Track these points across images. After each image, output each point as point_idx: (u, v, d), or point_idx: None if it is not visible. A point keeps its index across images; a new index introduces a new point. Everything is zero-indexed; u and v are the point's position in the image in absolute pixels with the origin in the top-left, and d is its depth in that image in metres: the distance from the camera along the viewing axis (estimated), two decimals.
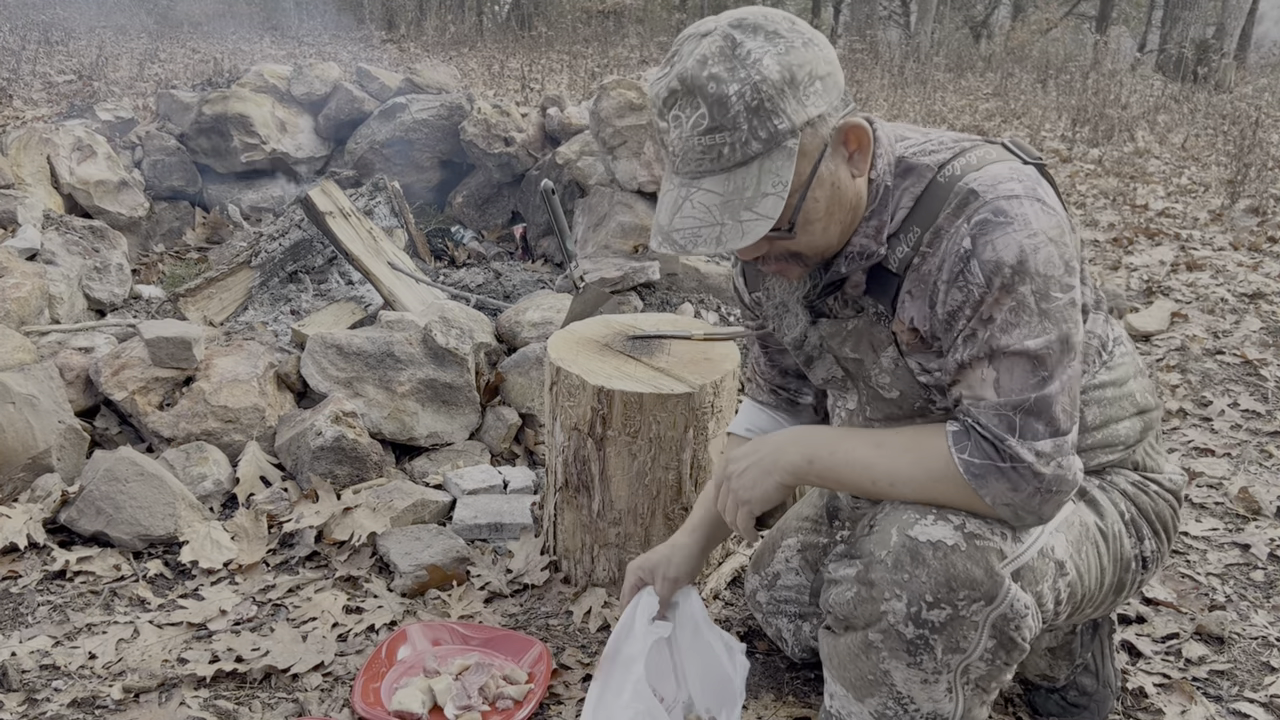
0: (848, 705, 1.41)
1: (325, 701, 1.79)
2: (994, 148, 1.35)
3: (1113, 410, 1.46)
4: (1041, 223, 1.24)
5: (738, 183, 1.23)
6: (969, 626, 1.27)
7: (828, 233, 1.31)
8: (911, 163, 1.33)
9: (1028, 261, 1.22)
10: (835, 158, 1.27)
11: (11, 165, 3.79)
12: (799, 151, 1.22)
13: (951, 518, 1.28)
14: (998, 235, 1.23)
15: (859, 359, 1.45)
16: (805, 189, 1.25)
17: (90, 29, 11.73)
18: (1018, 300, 1.23)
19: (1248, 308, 4.10)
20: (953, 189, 1.28)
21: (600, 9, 15.67)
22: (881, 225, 1.33)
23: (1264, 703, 1.83)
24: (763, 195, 1.22)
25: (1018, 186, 1.26)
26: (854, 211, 1.32)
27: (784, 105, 1.20)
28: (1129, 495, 1.47)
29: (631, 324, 2.29)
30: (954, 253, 1.26)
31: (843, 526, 1.76)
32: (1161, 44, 14.35)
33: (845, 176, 1.29)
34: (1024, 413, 1.24)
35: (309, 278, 3.65)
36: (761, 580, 1.85)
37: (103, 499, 2.22)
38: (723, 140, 1.21)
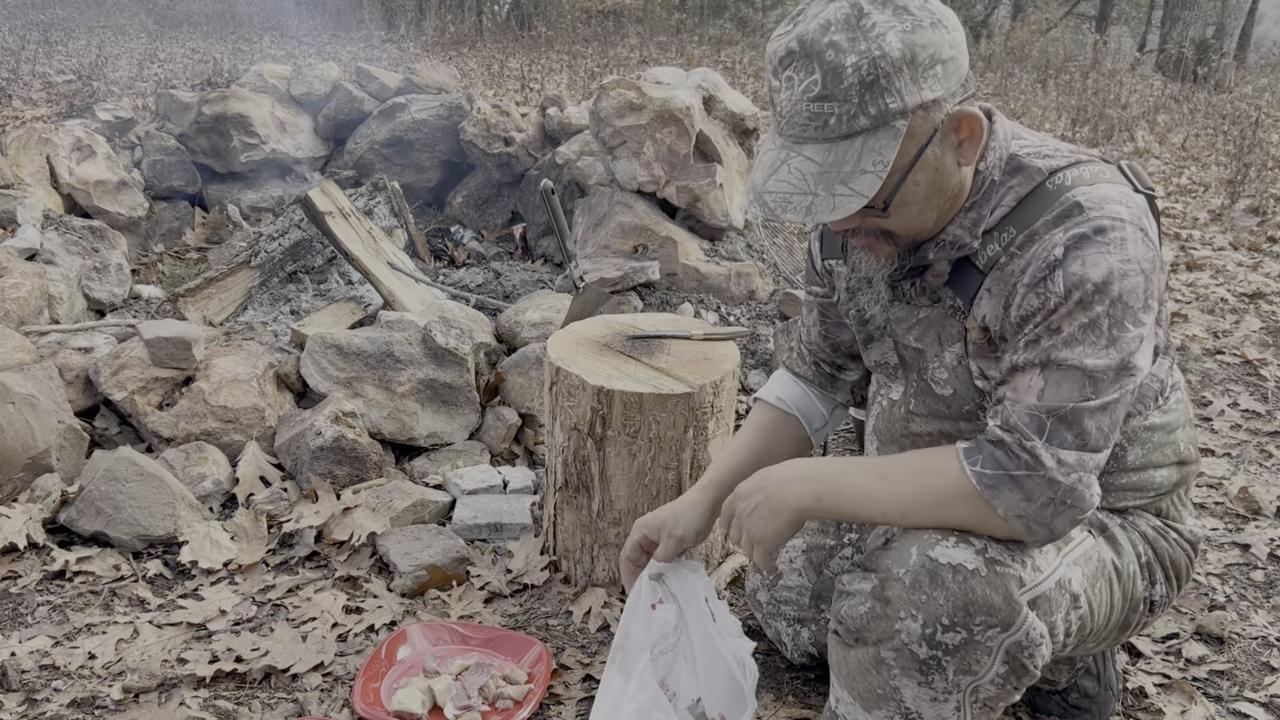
0: (854, 713, 1.41)
1: (325, 701, 1.79)
2: (1110, 167, 1.33)
3: (1155, 455, 1.44)
4: (1137, 251, 1.22)
5: (839, 155, 1.21)
6: (983, 651, 1.27)
7: (923, 216, 1.29)
8: (1023, 162, 1.31)
9: (1112, 284, 1.20)
10: (944, 144, 1.25)
11: (11, 165, 3.79)
12: (907, 133, 1.20)
13: (974, 541, 1.27)
14: (1091, 252, 1.21)
15: (920, 349, 1.43)
16: (907, 171, 1.23)
17: (90, 29, 11.73)
18: (1091, 319, 1.21)
19: (1248, 308, 4.10)
20: (1059, 198, 1.26)
21: (600, 9, 15.67)
22: (980, 219, 1.31)
23: (1264, 703, 1.83)
24: (861, 172, 1.20)
25: (1124, 210, 1.24)
26: (954, 199, 1.30)
27: (899, 84, 1.18)
28: (1148, 539, 1.46)
29: (631, 324, 2.29)
30: (1042, 258, 1.24)
31: (850, 529, 1.75)
32: (1161, 44, 14.35)
33: (951, 164, 1.27)
34: (1056, 419, 1.22)
35: (309, 278, 3.65)
36: (763, 580, 1.84)
37: (102, 499, 2.22)
38: (831, 110, 1.19)
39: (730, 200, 3.85)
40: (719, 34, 14.67)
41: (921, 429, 1.48)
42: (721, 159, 3.89)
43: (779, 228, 4.29)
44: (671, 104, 3.70)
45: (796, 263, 4.08)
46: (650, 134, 3.74)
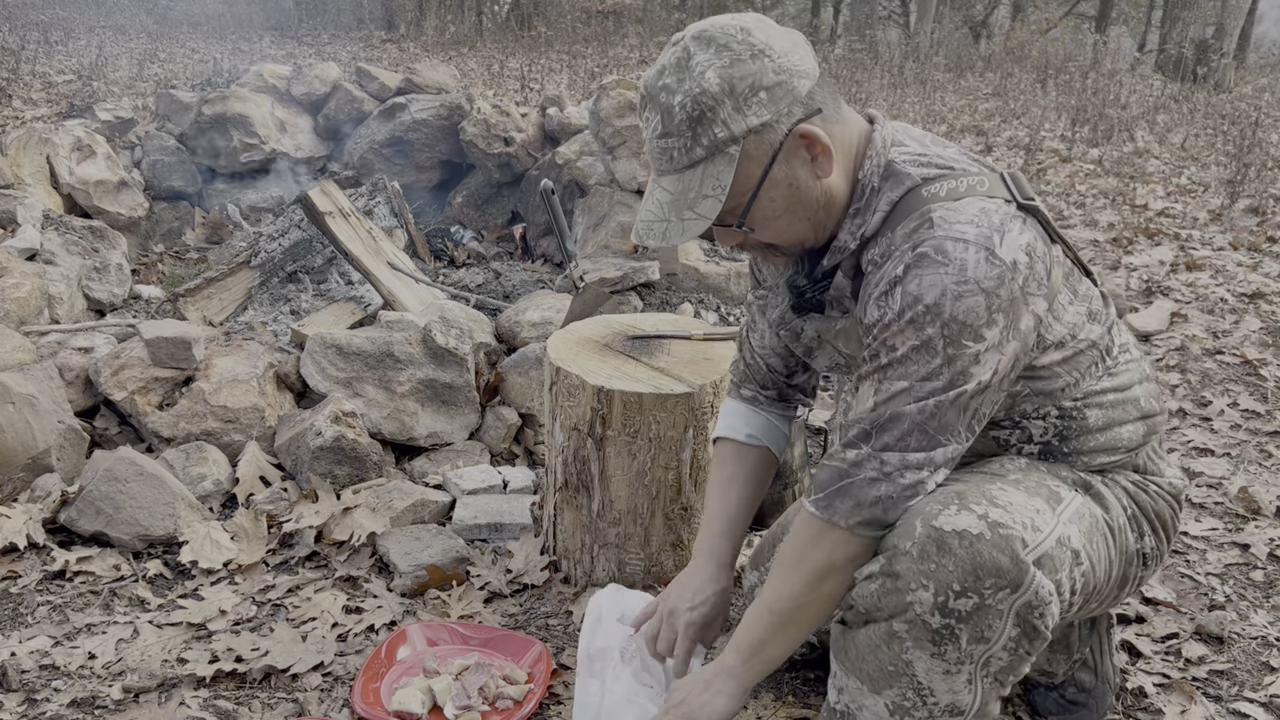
0: (860, 699, 1.41)
1: (325, 701, 1.79)
2: (991, 177, 1.36)
3: (1116, 414, 1.47)
4: (979, 272, 1.25)
5: (685, 184, 1.32)
6: (994, 615, 1.28)
7: (794, 228, 1.38)
8: (897, 169, 1.37)
9: (944, 306, 1.25)
10: (793, 161, 1.33)
11: (11, 165, 3.79)
12: (743, 157, 1.30)
13: (974, 507, 1.29)
14: (928, 272, 1.26)
15: (852, 354, 1.49)
16: (755, 190, 1.33)
17: (90, 29, 11.73)
18: (923, 340, 1.27)
19: (1247, 308, 4.10)
20: (921, 208, 1.32)
21: (600, 9, 15.67)
22: (861, 224, 1.38)
23: (1264, 703, 1.83)
24: (703, 197, 1.31)
25: (971, 231, 1.27)
26: (827, 208, 1.38)
27: (723, 115, 1.28)
28: (1129, 492, 1.49)
29: (631, 324, 2.29)
30: (889, 274, 1.30)
31: None
32: (1161, 44, 14.35)
33: (806, 178, 1.34)
34: (880, 425, 1.30)
35: (308, 278, 3.65)
36: (760, 576, 1.85)
37: (102, 499, 2.22)
38: (672, 145, 1.32)
39: None
40: None
41: None
42: None
43: None
44: None
45: None
46: None
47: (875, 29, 16.32)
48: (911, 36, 15.19)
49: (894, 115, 8.81)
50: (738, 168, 1.30)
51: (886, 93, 10.15)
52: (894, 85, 10.77)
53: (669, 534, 2.06)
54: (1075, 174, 6.80)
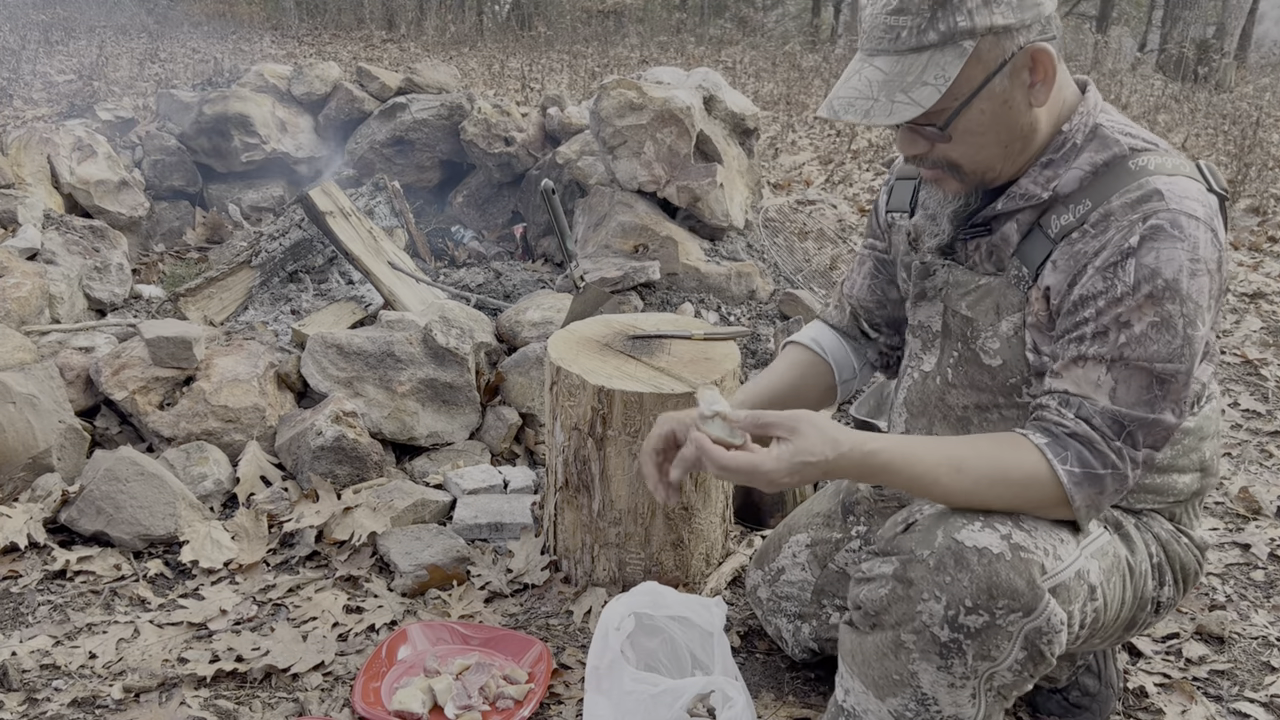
0: (865, 702, 1.40)
1: (325, 701, 1.79)
2: (1189, 163, 1.34)
3: (1182, 460, 1.45)
4: (1208, 252, 1.24)
5: (904, 66, 1.25)
6: (1003, 636, 1.27)
7: (987, 151, 1.31)
8: (1106, 134, 1.33)
9: (1182, 283, 1.22)
10: (1014, 79, 1.27)
11: (11, 165, 3.79)
12: (974, 56, 1.23)
13: (998, 526, 1.28)
14: (1166, 246, 1.22)
15: (971, 318, 1.43)
16: (972, 96, 1.26)
17: (90, 29, 11.72)
18: (1164, 318, 1.23)
19: (1248, 307, 4.10)
20: (1138, 179, 1.28)
21: (600, 9, 15.66)
22: (1054, 177, 1.33)
23: (1264, 702, 1.83)
24: (922, 84, 1.24)
25: (1200, 209, 1.25)
26: (1024, 141, 1.32)
27: (970, 4, 1.22)
28: (1161, 540, 1.47)
29: (632, 324, 2.29)
30: (1117, 244, 1.25)
31: (859, 522, 1.75)
32: (1162, 44, 14.34)
33: (1020, 101, 1.28)
34: (1142, 427, 1.25)
35: (309, 277, 3.65)
36: (764, 575, 1.84)
37: (103, 499, 2.22)
38: (903, 23, 1.24)
39: (730, 200, 3.85)
40: (719, 34, 14.67)
41: (958, 401, 1.48)
42: (722, 159, 3.90)
43: (779, 227, 4.29)
44: (672, 104, 3.70)
45: (797, 263, 4.08)
46: (651, 134, 3.74)
47: None
48: None
49: None
50: (965, 65, 1.23)
51: None
52: None
53: (670, 534, 2.06)
54: None
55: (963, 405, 1.48)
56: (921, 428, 1.58)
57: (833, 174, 6.25)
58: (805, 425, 1.28)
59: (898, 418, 1.64)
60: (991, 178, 1.36)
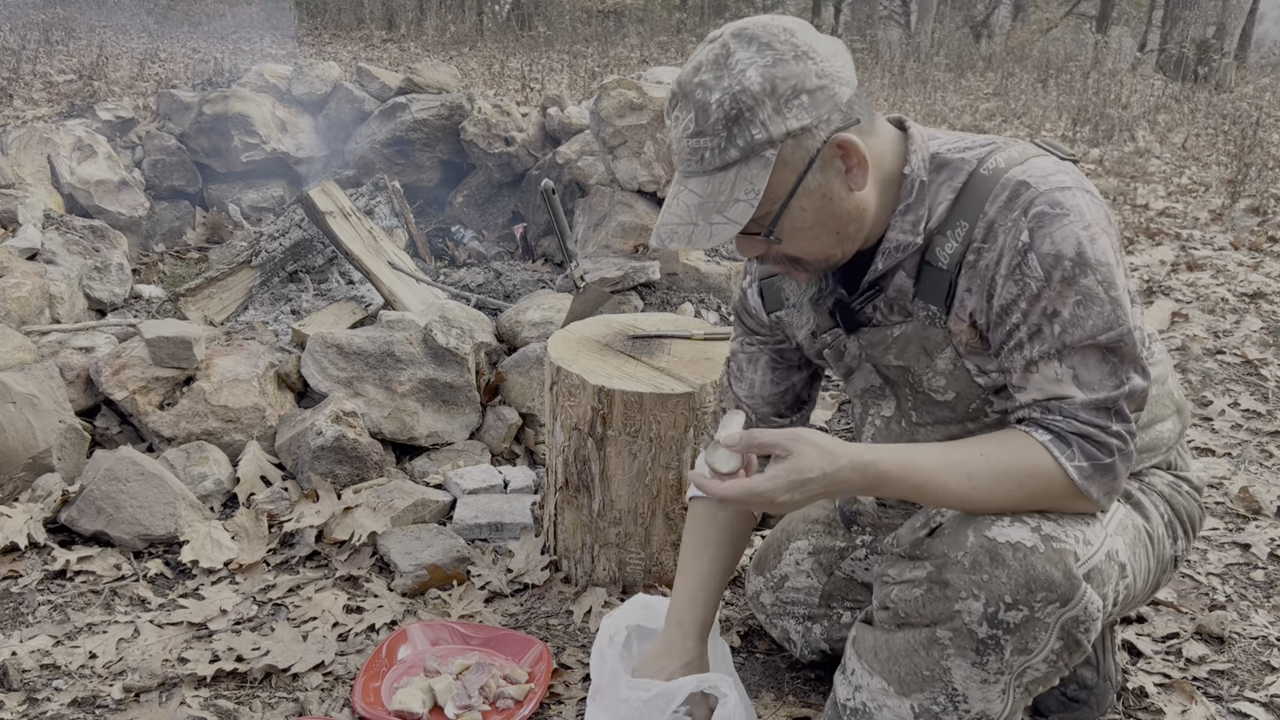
0: (882, 699, 1.39)
1: (325, 701, 1.79)
2: (1029, 145, 1.35)
3: (1157, 409, 1.46)
4: (1094, 213, 1.26)
5: (715, 186, 1.26)
6: (1041, 628, 1.27)
7: (821, 241, 1.32)
8: (947, 158, 1.34)
9: (1086, 253, 1.23)
10: (827, 170, 1.28)
11: (12, 165, 3.79)
12: (779, 162, 1.25)
13: (1027, 520, 1.28)
14: (1055, 228, 1.24)
15: (904, 366, 1.44)
16: (788, 198, 1.27)
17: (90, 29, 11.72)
18: (1083, 292, 1.24)
19: (1248, 307, 4.10)
20: (998, 181, 1.29)
21: (600, 9, 15.66)
22: (919, 219, 1.33)
23: (1264, 702, 1.83)
24: (735, 201, 1.25)
25: (1067, 179, 1.27)
26: (858, 222, 1.32)
27: (762, 116, 1.23)
28: (1165, 496, 1.49)
29: (632, 324, 2.29)
30: (1012, 246, 1.26)
31: (863, 531, 1.74)
32: (1162, 44, 14.34)
33: (839, 190, 1.29)
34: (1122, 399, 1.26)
35: (309, 277, 3.65)
36: (766, 582, 1.84)
37: (103, 498, 2.22)
38: (704, 145, 1.26)
39: None
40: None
41: (928, 436, 1.49)
42: None
43: None
44: None
45: None
46: (651, 133, 3.74)
47: (876, 28, 16.31)
48: (912, 36, 15.18)
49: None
50: (772, 173, 1.24)
51: (887, 92, 10.14)
52: (895, 85, 10.77)
53: (670, 534, 2.06)
54: None
55: (935, 439, 1.48)
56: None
57: None
58: (801, 443, 1.27)
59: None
60: (836, 261, 1.36)
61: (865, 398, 1.57)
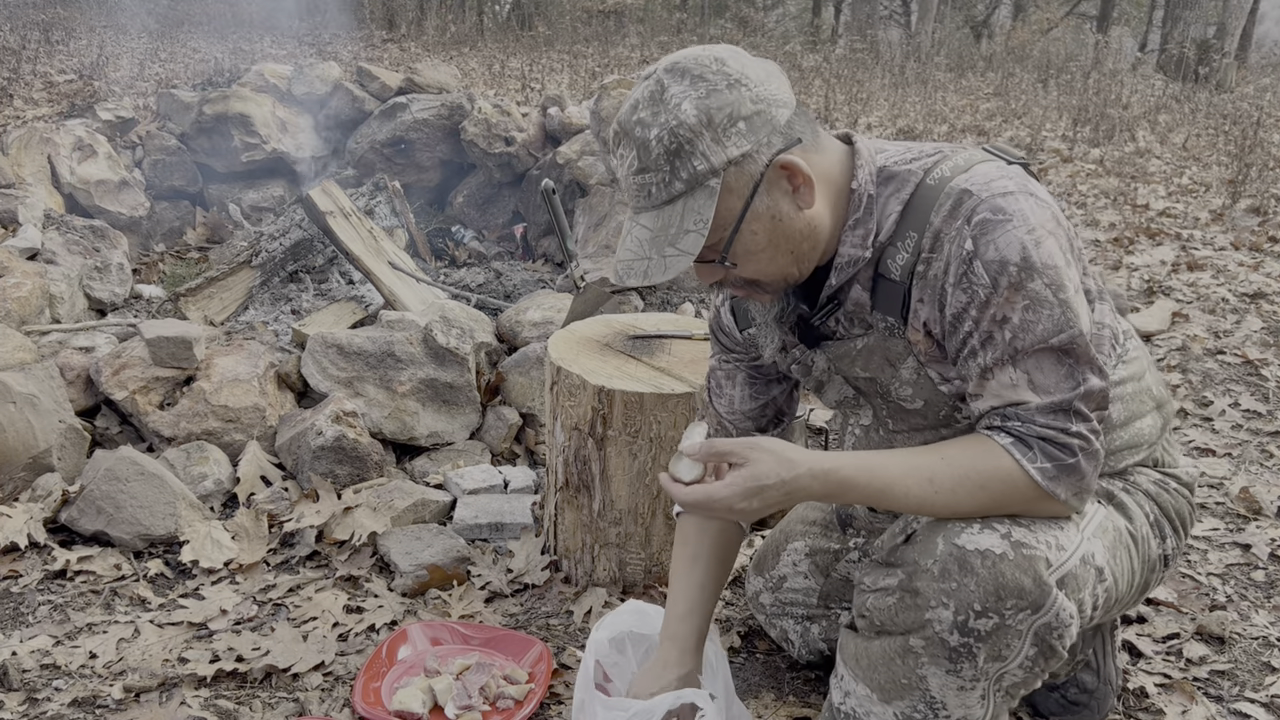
0: (868, 705, 1.40)
1: (326, 701, 1.79)
2: (975, 151, 1.36)
3: (1135, 406, 1.46)
4: (1039, 216, 1.26)
5: (665, 220, 1.27)
6: (1013, 635, 1.27)
7: (777, 262, 1.33)
8: (893, 170, 1.35)
9: (1031, 257, 1.23)
10: (774, 192, 1.28)
11: (12, 165, 3.80)
12: (724, 190, 1.26)
13: (997, 526, 1.28)
14: (999, 234, 1.24)
15: (871, 378, 1.44)
16: (738, 223, 1.28)
17: (90, 29, 11.72)
18: (1031, 297, 1.24)
19: (1249, 307, 4.10)
20: (943, 190, 1.29)
21: (600, 9, 15.67)
22: (868, 233, 1.34)
23: (1265, 703, 1.83)
24: (685, 232, 1.26)
25: (1010, 183, 1.27)
26: (811, 240, 1.33)
27: (702, 147, 1.24)
28: (1151, 495, 1.48)
29: (632, 324, 2.29)
30: (957, 255, 1.26)
31: (857, 534, 1.74)
32: (1162, 44, 14.34)
33: (788, 210, 1.30)
34: (1079, 400, 1.26)
35: (309, 277, 3.65)
36: (765, 583, 1.84)
37: (103, 498, 2.22)
38: (650, 180, 1.27)
39: None
40: (720, 34, 14.67)
41: (906, 443, 1.49)
42: None
43: None
44: None
45: None
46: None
47: (876, 29, 16.31)
48: (912, 36, 15.18)
49: (895, 115, 8.81)
50: (719, 201, 1.26)
51: (888, 92, 10.15)
52: (895, 85, 10.77)
53: (670, 534, 2.06)
54: (1076, 174, 6.80)
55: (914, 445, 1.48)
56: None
57: None
58: (757, 451, 1.28)
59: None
60: (794, 279, 1.37)
61: (843, 409, 1.58)
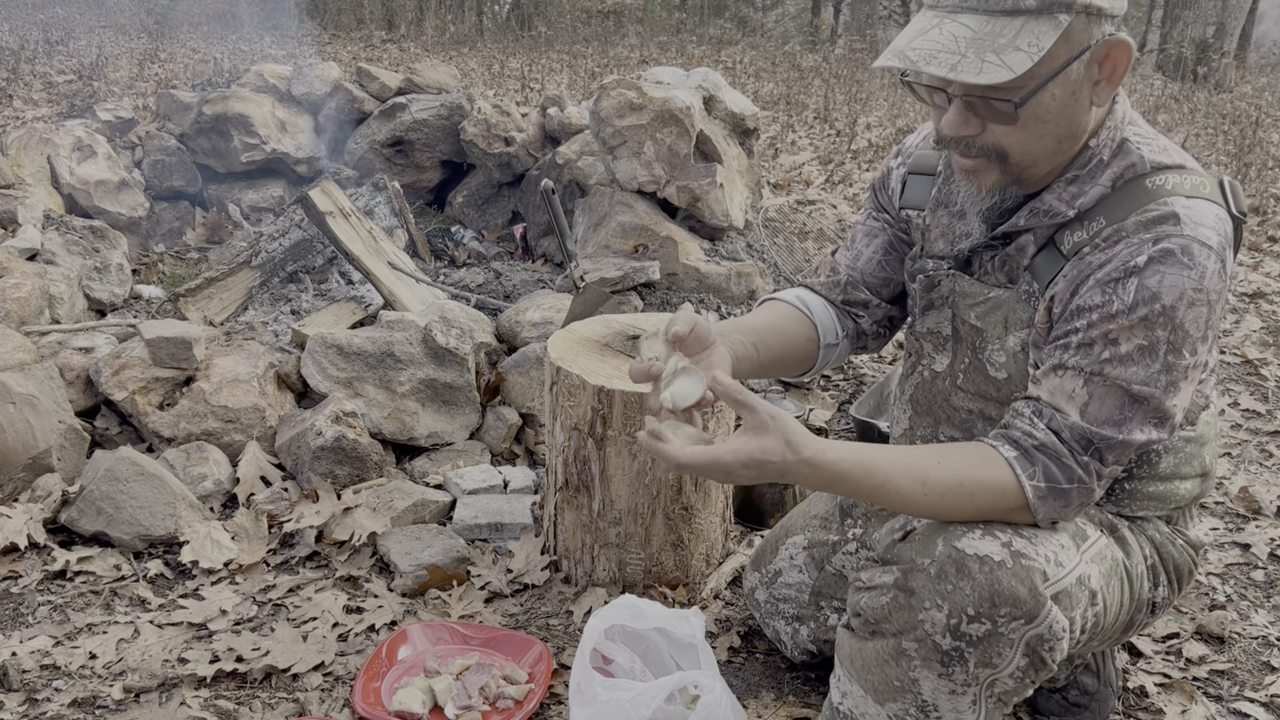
0: (864, 706, 1.40)
1: (325, 701, 1.79)
2: (1212, 181, 1.31)
3: (1184, 466, 1.45)
4: (1213, 283, 1.23)
5: (996, 28, 1.20)
6: (1005, 644, 1.27)
7: (1043, 143, 1.27)
8: (1131, 149, 1.31)
9: (1179, 311, 1.21)
10: (1088, 69, 1.24)
11: (12, 165, 3.79)
12: (1064, 33, 1.20)
13: (999, 534, 1.28)
14: (1171, 271, 1.21)
15: (980, 329, 1.42)
16: (1050, 77, 1.22)
17: (90, 29, 11.72)
18: (1150, 341, 1.22)
19: (1248, 307, 4.10)
20: (1156, 198, 1.26)
21: (600, 9, 15.66)
22: (1079, 194, 1.31)
23: (1264, 702, 1.83)
24: (1015, 49, 1.19)
25: (1214, 237, 1.24)
26: (1074, 141, 1.29)
27: None
28: (1155, 542, 1.47)
29: (632, 324, 2.29)
30: (1123, 259, 1.23)
31: (855, 524, 1.75)
32: (1162, 43, 14.34)
33: (1085, 95, 1.25)
34: (1110, 447, 1.26)
35: (309, 278, 3.65)
36: (761, 578, 1.84)
37: (103, 499, 2.22)
38: None
39: (730, 200, 3.85)
40: (719, 34, 14.67)
41: (963, 404, 1.48)
42: (722, 159, 3.90)
43: (779, 227, 4.29)
44: (672, 104, 3.70)
45: (796, 262, 4.08)
46: (651, 134, 3.74)
47: (875, 29, 16.31)
48: None
49: (895, 115, 8.80)
50: (1055, 40, 1.18)
51: (887, 92, 10.14)
52: (895, 85, 10.76)
53: (670, 534, 2.07)
54: None
55: (967, 409, 1.47)
56: (925, 426, 1.57)
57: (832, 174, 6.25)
58: (775, 423, 1.24)
59: (901, 414, 1.63)
60: (1033, 175, 1.31)
61: (925, 341, 1.53)
